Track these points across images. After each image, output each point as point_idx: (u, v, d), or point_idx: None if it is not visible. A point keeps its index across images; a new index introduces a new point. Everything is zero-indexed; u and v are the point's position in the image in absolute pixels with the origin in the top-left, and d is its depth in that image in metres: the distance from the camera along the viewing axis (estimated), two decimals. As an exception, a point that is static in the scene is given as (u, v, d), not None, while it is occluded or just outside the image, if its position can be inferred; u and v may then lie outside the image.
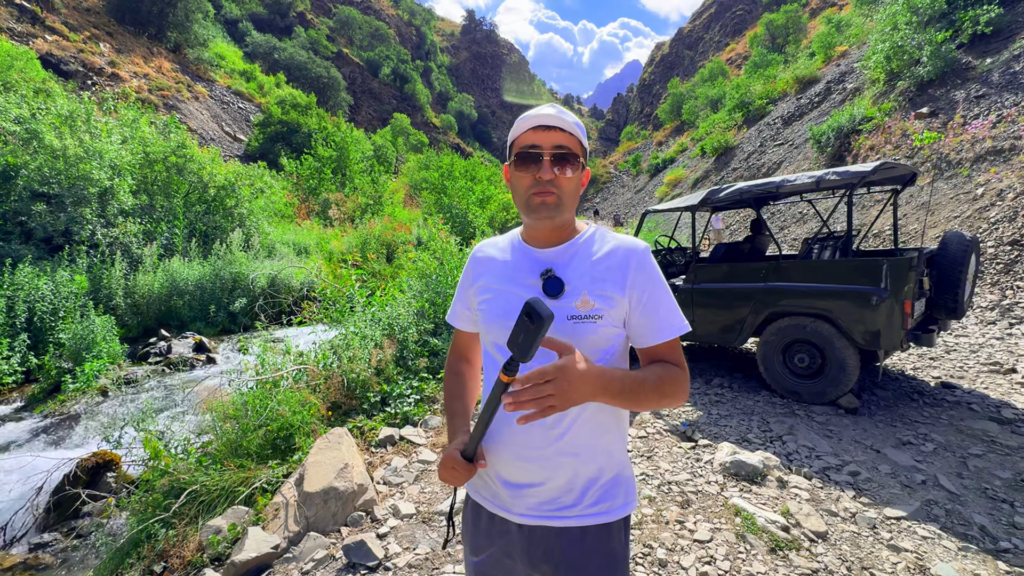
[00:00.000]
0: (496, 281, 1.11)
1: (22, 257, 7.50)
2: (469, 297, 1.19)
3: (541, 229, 1.07)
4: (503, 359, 1.06)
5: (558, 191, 1.00)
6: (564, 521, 1.03)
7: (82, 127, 9.31)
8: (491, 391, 0.90)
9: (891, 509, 2.67)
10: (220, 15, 49.04)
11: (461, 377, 1.27)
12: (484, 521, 1.13)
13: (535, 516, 1.05)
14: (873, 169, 3.66)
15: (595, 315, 1.00)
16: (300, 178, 19.77)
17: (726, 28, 65.25)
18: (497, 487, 1.09)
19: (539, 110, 1.01)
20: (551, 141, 0.98)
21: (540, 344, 0.81)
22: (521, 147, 1.00)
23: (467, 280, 1.20)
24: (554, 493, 1.04)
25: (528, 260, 1.09)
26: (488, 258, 1.16)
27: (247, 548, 2.33)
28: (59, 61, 23.07)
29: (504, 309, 1.06)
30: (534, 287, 1.04)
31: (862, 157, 14.22)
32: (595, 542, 1.04)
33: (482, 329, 1.13)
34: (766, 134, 23.31)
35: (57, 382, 6.12)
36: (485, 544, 1.13)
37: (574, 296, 1.01)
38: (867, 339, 3.72)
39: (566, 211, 1.03)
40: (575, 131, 1.00)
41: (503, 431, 1.07)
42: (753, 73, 34.73)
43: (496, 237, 1.22)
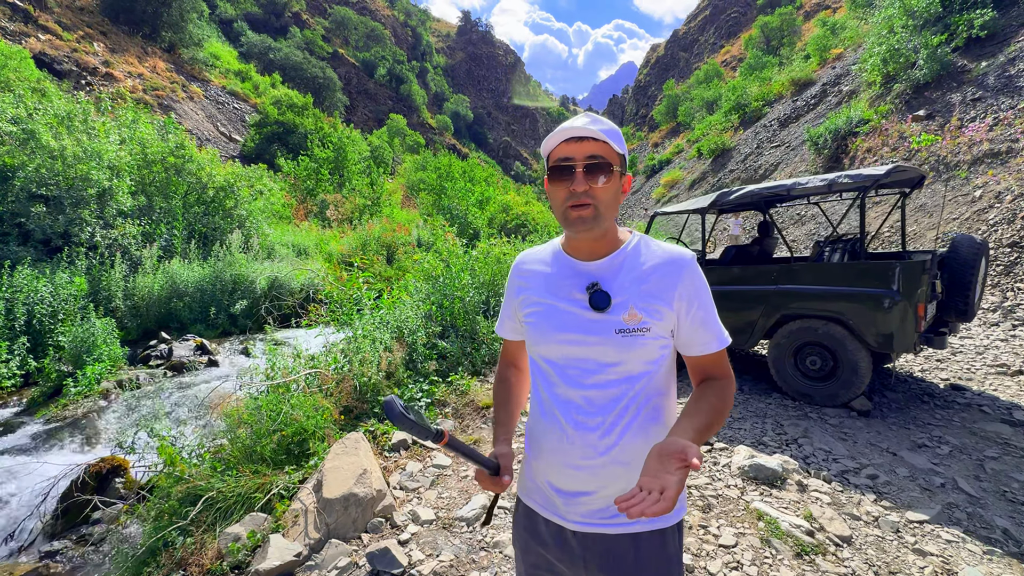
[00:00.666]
0: (541, 295, 1.11)
1: (21, 259, 7.40)
2: (514, 309, 1.19)
3: (582, 241, 1.07)
4: (552, 371, 1.09)
5: (594, 202, 0.98)
6: (618, 528, 1.04)
7: (80, 127, 9.20)
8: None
9: (913, 512, 2.68)
10: (215, 15, 48.74)
11: (508, 384, 1.27)
12: (538, 525, 1.14)
13: (589, 524, 1.06)
14: (887, 172, 3.67)
15: (643, 328, 1.00)
16: (297, 179, 19.66)
17: (721, 30, 65.61)
18: (551, 494, 1.09)
19: (571, 121, 1.00)
20: (583, 152, 0.97)
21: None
22: (554, 160, 1.00)
23: (511, 292, 1.20)
24: (607, 502, 1.04)
25: (573, 273, 1.08)
26: (532, 271, 1.16)
27: (270, 556, 2.29)
28: (52, 61, 22.83)
29: (551, 324, 1.07)
30: (580, 301, 1.04)
31: (859, 159, 14.33)
32: (649, 548, 1.05)
33: (529, 341, 1.14)
34: (763, 136, 23.44)
35: (58, 385, 6.03)
36: (539, 548, 1.14)
37: (622, 310, 1.01)
38: (880, 342, 3.73)
39: (605, 221, 1.02)
40: (609, 139, 0.99)
41: (554, 441, 1.07)
42: (748, 75, 34.93)
43: (537, 248, 1.22)
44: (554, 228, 16.61)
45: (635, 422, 1.03)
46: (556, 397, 1.07)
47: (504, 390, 1.27)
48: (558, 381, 1.06)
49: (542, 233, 15.83)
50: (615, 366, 1.01)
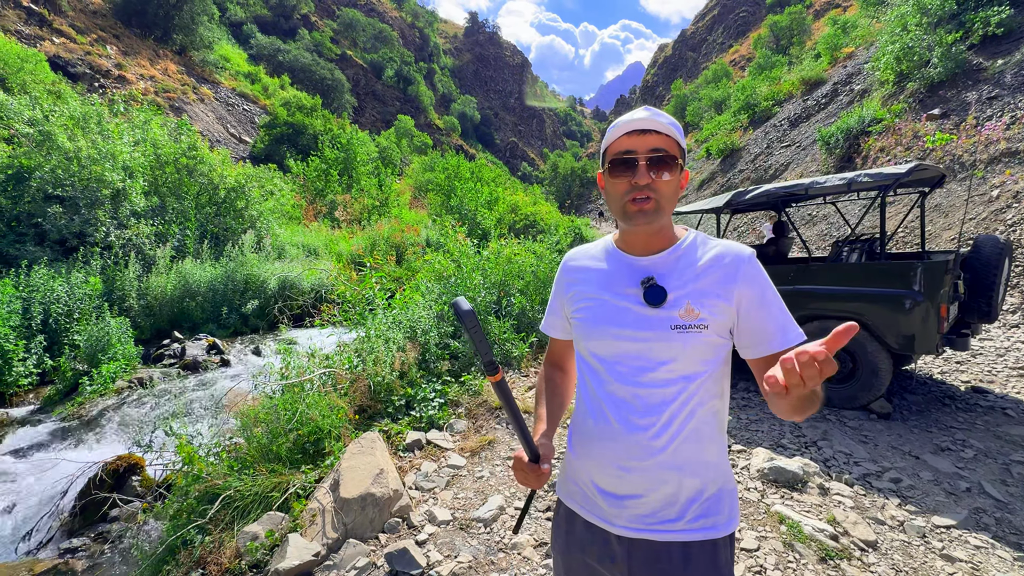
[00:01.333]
0: (593, 290, 1.08)
1: (37, 259, 7.50)
2: (563, 306, 1.17)
3: (639, 235, 1.04)
4: (603, 368, 1.04)
5: (656, 195, 0.97)
6: (668, 536, 1.00)
7: (94, 129, 9.30)
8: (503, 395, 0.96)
9: (939, 517, 2.62)
10: (225, 18, 49.18)
11: (554, 383, 1.25)
12: (579, 528, 1.10)
13: (637, 529, 1.01)
14: (908, 170, 3.61)
15: (700, 324, 0.96)
16: (307, 180, 19.78)
17: (729, 30, 65.24)
18: (595, 496, 1.06)
19: (633, 114, 0.99)
20: (646, 145, 0.96)
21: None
22: (615, 153, 0.98)
23: (560, 289, 1.18)
24: (656, 506, 1.00)
25: (627, 268, 1.05)
26: (582, 267, 1.14)
27: (289, 556, 2.29)
28: (67, 63, 23.14)
29: (603, 317, 1.04)
30: (634, 296, 1.01)
31: (872, 159, 14.17)
32: (700, 558, 0.99)
33: (579, 336, 1.10)
34: (772, 136, 23.26)
35: (73, 384, 6.09)
36: (578, 551, 1.11)
37: (677, 306, 0.98)
38: (901, 343, 3.67)
39: (664, 216, 1.00)
40: (672, 132, 0.97)
41: (602, 440, 1.04)
42: (758, 75, 34.70)
43: (587, 245, 1.19)
44: (562, 228, 16.56)
45: (689, 423, 0.99)
46: (607, 395, 1.03)
47: (549, 388, 1.24)
48: (609, 378, 1.03)
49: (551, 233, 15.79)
50: (670, 363, 0.98)
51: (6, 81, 14.65)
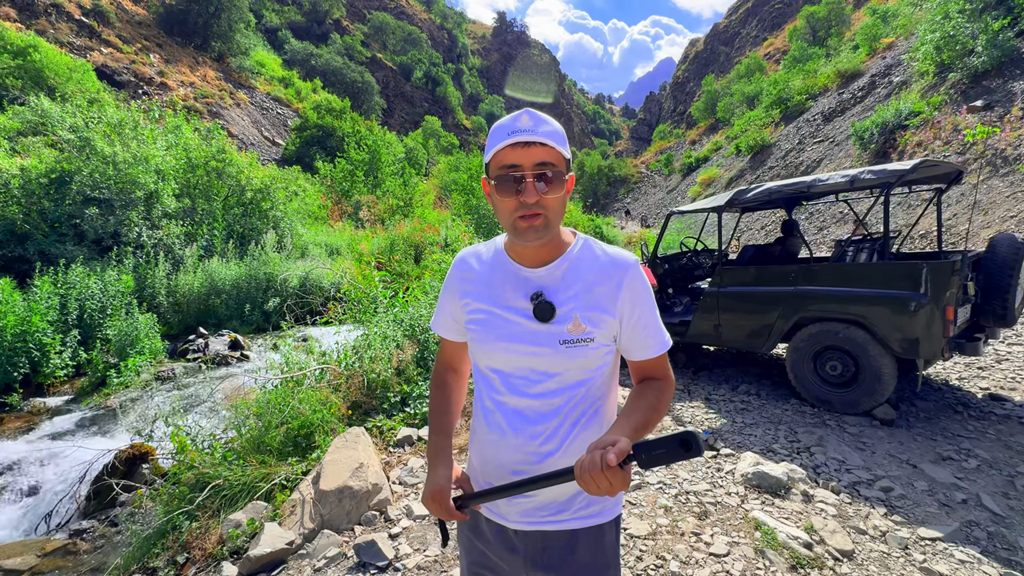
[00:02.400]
0: (485, 301, 1.08)
1: (75, 258, 7.98)
2: (455, 310, 1.15)
3: (529, 248, 1.02)
4: (497, 379, 1.07)
5: (545, 212, 0.93)
6: (557, 525, 1.06)
7: (130, 134, 9.83)
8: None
9: (926, 529, 2.51)
10: (261, 24, 50.93)
11: (447, 390, 1.25)
12: (482, 525, 1.15)
13: (529, 522, 1.07)
14: (913, 167, 3.46)
15: (587, 338, 0.99)
16: (334, 181, 20.31)
17: (764, 22, 63.27)
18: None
19: (514, 120, 0.93)
20: (532, 159, 0.90)
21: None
22: (500, 167, 0.92)
23: (451, 291, 1.16)
24: (546, 499, 1.05)
25: (516, 279, 1.05)
26: (473, 271, 1.12)
27: (262, 543, 2.39)
28: (113, 72, 24.45)
29: (495, 331, 1.04)
30: (524, 310, 1.02)
31: (908, 154, 13.52)
32: (586, 543, 1.06)
33: (474, 349, 1.11)
34: (805, 131, 22.46)
35: (104, 376, 6.46)
36: (481, 546, 1.16)
37: (566, 320, 0.99)
38: (904, 347, 3.52)
39: (554, 228, 0.98)
40: (558, 143, 0.92)
41: (496, 446, 1.08)
42: (792, 68, 33.55)
43: (479, 246, 1.18)
44: (580, 227, 16.47)
45: (576, 426, 1.04)
46: (500, 405, 1.06)
47: (443, 397, 1.24)
48: (503, 389, 1.05)
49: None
50: (558, 375, 1.01)
51: (55, 91, 15.60)
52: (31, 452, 4.56)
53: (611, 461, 0.75)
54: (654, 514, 2.70)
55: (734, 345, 4.55)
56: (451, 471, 1.11)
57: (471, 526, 1.17)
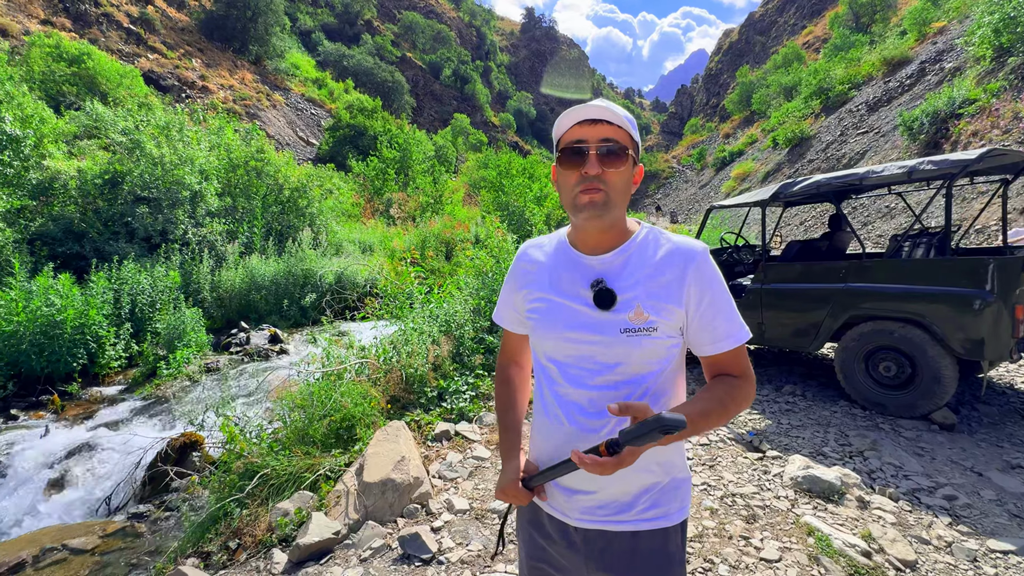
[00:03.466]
0: (545, 290, 1.07)
1: (126, 255, 8.36)
2: (517, 301, 1.15)
3: (590, 231, 1.01)
4: (556, 369, 1.05)
5: (606, 187, 0.94)
6: (619, 526, 1.03)
7: (176, 136, 10.23)
8: (568, 458, 0.92)
9: (996, 541, 2.37)
10: (295, 27, 52.23)
11: (511, 385, 1.24)
12: (544, 520, 1.13)
13: (590, 520, 1.04)
14: (978, 157, 3.25)
15: (650, 327, 0.95)
16: (366, 179, 20.67)
17: (803, 10, 60.93)
18: (553, 490, 1.08)
19: (587, 104, 0.96)
20: (598, 135, 0.93)
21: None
22: (566, 143, 0.95)
23: (513, 282, 1.16)
24: (607, 499, 1.02)
25: (577, 267, 1.04)
26: (535, 261, 1.12)
27: (311, 532, 2.45)
28: (159, 77, 25.54)
29: (554, 319, 1.03)
30: (584, 298, 1.00)
31: (963, 144, 12.77)
32: (650, 546, 1.03)
33: (534, 338, 1.10)
34: (847, 122, 21.54)
35: (153, 367, 6.76)
36: (542, 541, 1.14)
37: (627, 308, 0.96)
38: (968, 348, 3.32)
39: (615, 209, 0.97)
40: (624, 124, 0.94)
41: (556, 440, 1.06)
42: (833, 56, 32.21)
43: (542, 237, 1.17)
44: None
45: None
46: (559, 396, 1.04)
47: (508, 392, 1.24)
48: (561, 380, 1.03)
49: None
50: (620, 366, 0.98)
51: (107, 96, 16.40)
52: (91, 438, 4.81)
53: (585, 458, 0.83)
54: (699, 516, 2.64)
55: (778, 344, 4.40)
56: (520, 464, 1.11)
57: (532, 521, 1.15)
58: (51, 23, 24.29)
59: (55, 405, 5.74)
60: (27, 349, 5.98)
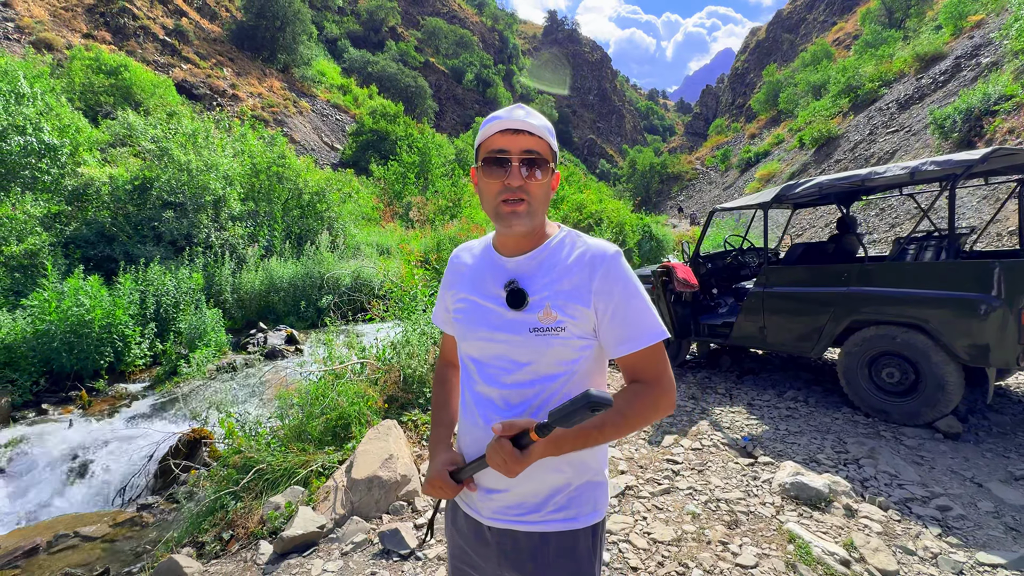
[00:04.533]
0: (468, 291, 1.10)
1: (153, 257, 8.74)
2: (447, 301, 1.19)
3: (510, 237, 1.04)
4: (474, 368, 1.08)
5: (528, 198, 0.97)
6: (528, 526, 1.03)
7: (202, 143, 10.65)
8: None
9: (986, 554, 2.29)
10: (322, 35, 53.52)
11: (447, 385, 1.28)
12: (460, 520, 1.15)
13: (501, 520, 1.05)
14: (982, 157, 3.15)
15: (558, 327, 0.97)
16: (387, 183, 21.03)
17: (833, 6, 59.26)
18: (469, 489, 1.10)
19: (508, 111, 0.98)
20: (520, 146, 0.95)
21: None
22: (489, 151, 0.97)
23: (445, 284, 1.20)
24: (519, 499, 1.03)
25: (495, 269, 1.07)
26: (463, 264, 1.16)
27: (296, 525, 2.54)
28: (191, 87, 26.53)
29: (473, 318, 1.07)
30: (498, 298, 1.03)
31: (998, 141, 12.23)
32: (558, 547, 1.03)
33: (458, 338, 1.14)
34: (877, 120, 20.86)
35: (175, 366, 7.05)
36: (460, 541, 1.16)
37: (537, 308, 0.99)
38: (972, 354, 3.21)
39: (536, 216, 1.00)
40: (544, 134, 0.97)
41: (472, 438, 1.08)
42: (864, 53, 31.23)
43: (474, 241, 1.21)
44: (629, 225, 16.13)
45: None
46: (476, 395, 1.07)
47: (444, 391, 1.27)
48: (478, 379, 1.07)
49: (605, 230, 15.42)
50: (529, 365, 1.00)
51: (141, 105, 17.16)
52: (113, 432, 5.06)
53: (495, 430, 0.88)
54: (680, 520, 2.63)
55: (781, 348, 4.32)
56: (448, 458, 1.12)
57: (453, 520, 1.18)
58: (92, 36, 25.54)
59: (83, 400, 6.04)
60: (58, 347, 6.31)
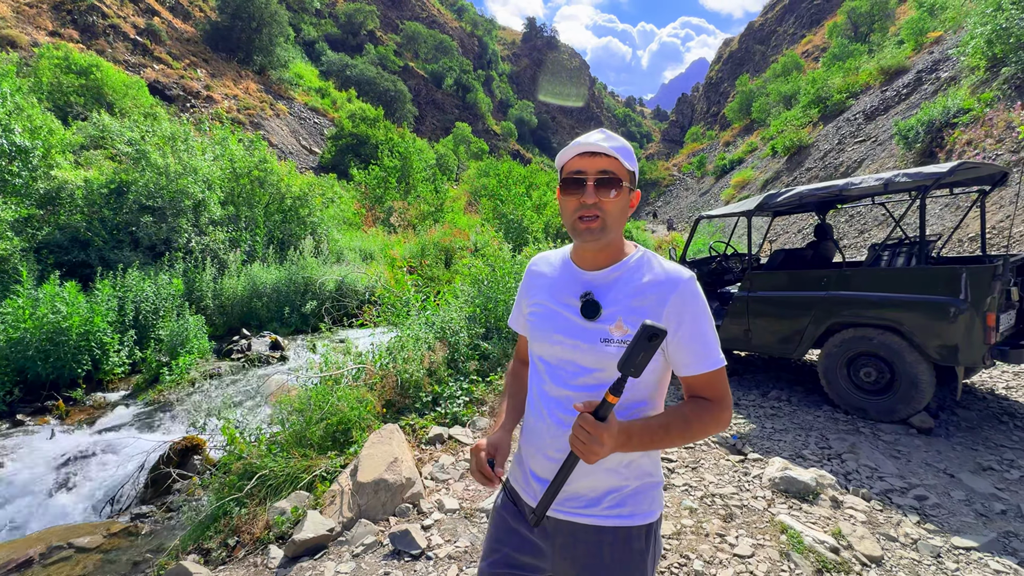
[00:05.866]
0: (544, 297, 1.20)
1: (131, 263, 8.52)
2: (524, 306, 1.30)
3: (587, 251, 1.13)
4: (544, 369, 1.16)
5: (603, 215, 1.04)
6: (584, 519, 1.11)
7: (181, 146, 10.44)
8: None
9: (961, 538, 2.47)
10: (299, 38, 52.85)
11: (519, 377, 1.38)
12: (521, 506, 1.22)
13: (560, 511, 1.13)
14: (950, 170, 3.39)
15: (627, 340, 1.03)
16: (367, 187, 20.89)
17: (802, 19, 61.45)
18: (531, 480, 1.18)
19: (587, 137, 1.06)
20: (595, 167, 1.03)
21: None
22: (567, 173, 1.07)
23: (523, 291, 1.30)
24: (577, 491, 1.11)
25: (573, 280, 1.16)
26: (541, 273, 1.26)
27: (306, 529, 2.57)
28: (164, 87, 25.89)
29: (546, 322, 1.16)
30: (573, 307, 1.11)
31: (957, 153, 12.91)
32: (613, 542, 1.10)
33: (530, 338, 1.23)
34: (845, 131, 21.72)
35: (156, 374, 6.90)
36: (515, 524, 1.23)
37: (610, 320, 1.06)
38: (943, 354, 3.43)
39: (611, 233, 1.07)
40: (620, 156, 1.04)
41: (537, 433, 1.16)
42: (832, 66, 32.49)
43: (550, 252, 1.31)
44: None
45: None
46: (544, 394, 1.15)
47: (514, 383, 1.38)
48: (547, 379, 1.14)
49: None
50: (598, 371, 1.07)
51: (113, 106, 16.68)
52: (95, 442, 4.93)
53: (577, 406, 0.92)
54: (679, 515, 2.75)
55: (764, 351, 4.51)
56: (505, 436, 1.22)
57: (506, 505, 1.26)
58: (59, 35, 24.72)
59: (60, 410, 5.87)
60: (33, 355, 6.12)
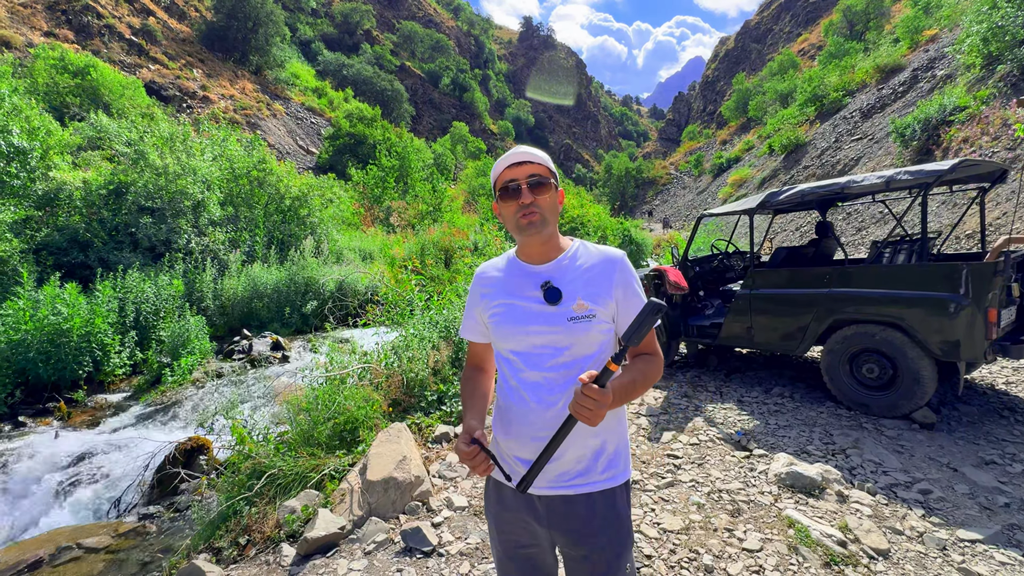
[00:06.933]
0: (503, 296, 1.29)
1: (131, 264, 8.50)
2: (479, 313, 1.36)
3: (533, 246, 1.27)
4: (518, 359, 1.25)
5: (539, 211, 1.21)
6: (576, 489, 1.21)
7: (180, 147, 10.41)
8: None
9: (966, 531, 2.50)
10: (295, 37, 52.71)
11: (474, 382, 1.42)
12: (508, 497, 1.29)
13: (552, 488, 1.22)
14: (951, 167, 3.42)
15: (589, 315, 1.19)
16: (366, 187, 20.87)
17: (798, 17, 61.64)
18: (517, 467, 1.25)
19: (511, 151, 1.24)
20: (525, 172, 1.20)
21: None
22: (502, 183, 1.22)
23: (474, 298, 1.37)
24: (567, 466, 1.21)
25: (526, 275, 1.28)
26: (491, 277, 1.35)
27: (318, 527, 2.58)
28: (160, 88, 25.80)
29: (514, 317, 1.25)
30: (536, 297, 1.24)
31: (954, 150, 13.00)
32: (603, 505, 1.22)
33: (496, 338, 1.30)
34: (842, 129, 21.82)
35: (158, 374, 6.89)
36: (509, 516, 1.30)
37: (571, 301, 1.21)
38: (944, 350, 3.47)
39: (549, 225, 1.23)
40: (543, 161, 1.23)
41: (521, 417, 1.23)
42: (828, 64, 32.61)
43: (494, 259, 1.42)
44: (610, 230, 16.44)
45: None
46: (522, 381, 1.24)
47: (471, 386, 1.41)
48: (522, 367, 1.24)
49: (594, 235, 15.72)
50: (568, 349, 1.20)
51: (110, 107, 16.62)
52: (99, 443, 4.93)
53: (582, 379, 1.00)
54: (687, 510, 2.77)
55: (767, 348, 4.54)
56: (476, 422, 1.26)
57: (498, 499, 1.32)
58: (54, 35, 24.59)
59: (61, 412, 5.86)
60: (34, 357, 6.10)
